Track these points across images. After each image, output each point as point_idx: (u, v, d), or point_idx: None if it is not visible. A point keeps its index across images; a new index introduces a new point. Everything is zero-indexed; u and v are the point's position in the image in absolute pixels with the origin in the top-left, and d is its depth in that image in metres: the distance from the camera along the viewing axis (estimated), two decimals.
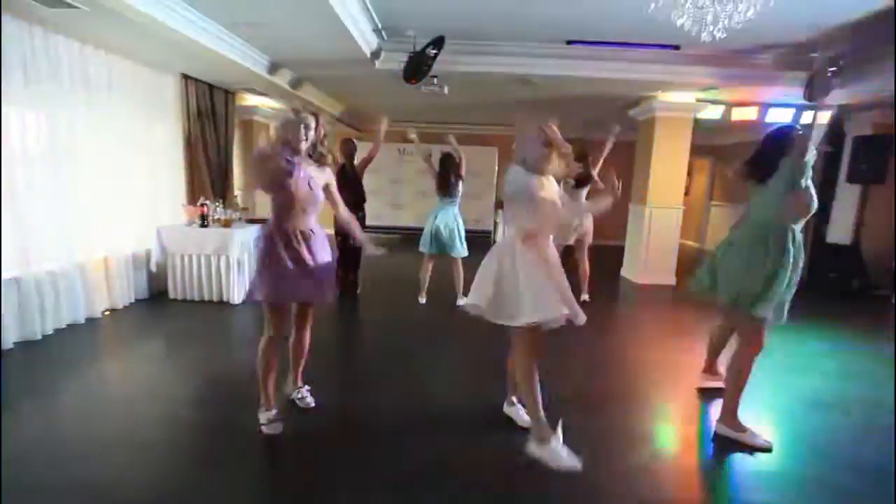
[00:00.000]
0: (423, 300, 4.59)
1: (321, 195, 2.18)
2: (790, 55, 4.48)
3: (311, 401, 2.45)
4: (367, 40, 4.17)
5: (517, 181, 1.99)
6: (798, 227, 2.24)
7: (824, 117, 5.05)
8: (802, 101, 4.91)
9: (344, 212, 2.35)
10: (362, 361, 3.32)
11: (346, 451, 2.10)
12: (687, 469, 2.17)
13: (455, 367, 3.21)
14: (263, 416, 2.20)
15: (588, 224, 4.69)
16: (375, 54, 4.50)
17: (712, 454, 2.27)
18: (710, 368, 2.91)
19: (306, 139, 2.06)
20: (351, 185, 4.41)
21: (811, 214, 2.23)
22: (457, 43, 4.34)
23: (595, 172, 4.47)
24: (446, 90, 5.01)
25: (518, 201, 2.00)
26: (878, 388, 3.02)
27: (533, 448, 2.00)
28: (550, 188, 2.01)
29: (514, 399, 2.40)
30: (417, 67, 4.36)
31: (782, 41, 4.22)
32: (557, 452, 1.96)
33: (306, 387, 2.51)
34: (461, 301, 4.31)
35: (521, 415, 2.33)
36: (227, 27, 3.79)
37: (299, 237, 2.11)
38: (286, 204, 2.07)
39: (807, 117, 5.28)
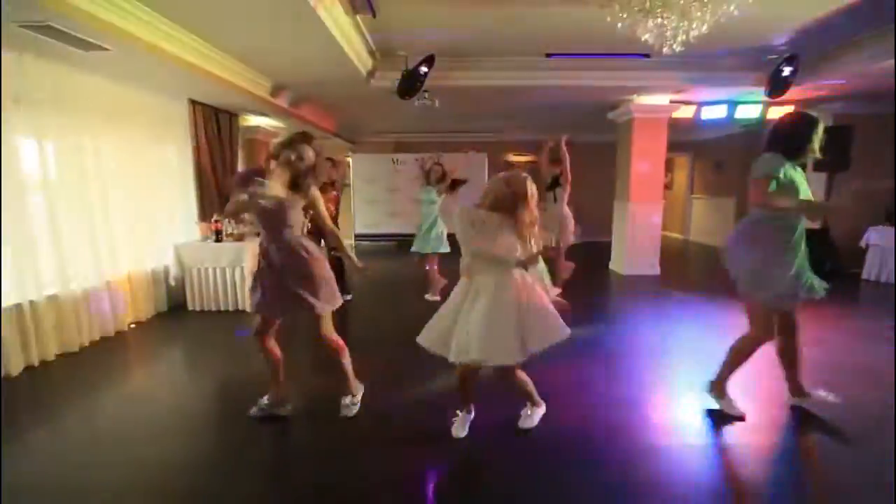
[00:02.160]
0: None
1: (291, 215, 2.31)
2: (752, 56, 4.90)
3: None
4: (362, 61, 4.52)
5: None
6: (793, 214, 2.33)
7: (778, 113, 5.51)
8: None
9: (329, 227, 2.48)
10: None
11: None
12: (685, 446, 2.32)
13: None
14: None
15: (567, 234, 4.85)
16: (371, 74, 4.85)
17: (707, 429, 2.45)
18: (794, 388, 2.60)
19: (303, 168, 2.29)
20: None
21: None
22: (446, 60, 4.71)
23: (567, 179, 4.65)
24: (437, 103, 5.37)
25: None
26: (854, 356, 3.40)
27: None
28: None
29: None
30: (410, 84, 4.72)
31: (744, 44, 4.62)
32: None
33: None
34: None
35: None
36: (233, 55, 4.11)
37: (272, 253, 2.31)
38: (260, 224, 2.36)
39: (708, 112, 6.03)
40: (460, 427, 2.34)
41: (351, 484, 2.01)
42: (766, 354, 2.53)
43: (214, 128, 5.39)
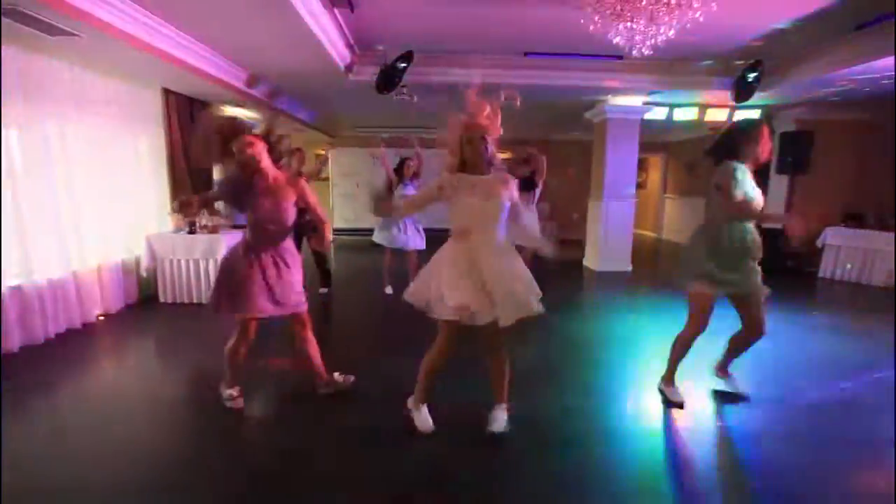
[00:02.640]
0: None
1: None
2: (720, 62, 5.09)
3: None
4: (341, 55, 4.52)
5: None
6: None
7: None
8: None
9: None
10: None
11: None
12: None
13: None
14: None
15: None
16: (349, 68, 4.84)
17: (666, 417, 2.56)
18: (721, 368, 2.84)
19: (257, 155, 2.23)
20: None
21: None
22: (425, 56, 4.74)
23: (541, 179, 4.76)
24: (416, 99, 5.40)
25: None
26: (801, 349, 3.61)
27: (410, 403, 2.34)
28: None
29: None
30: (389, 79, 4.74)
31: (712, 50, 4.80)
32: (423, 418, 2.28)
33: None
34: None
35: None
36: (209, 45, 4.06)
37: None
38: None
39: (680, 114, 6.34)
40: (425, 420, 2.29)
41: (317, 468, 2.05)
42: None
43: (188, 118, 5.30)
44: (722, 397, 2.75)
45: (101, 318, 4.12)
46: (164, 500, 1.87)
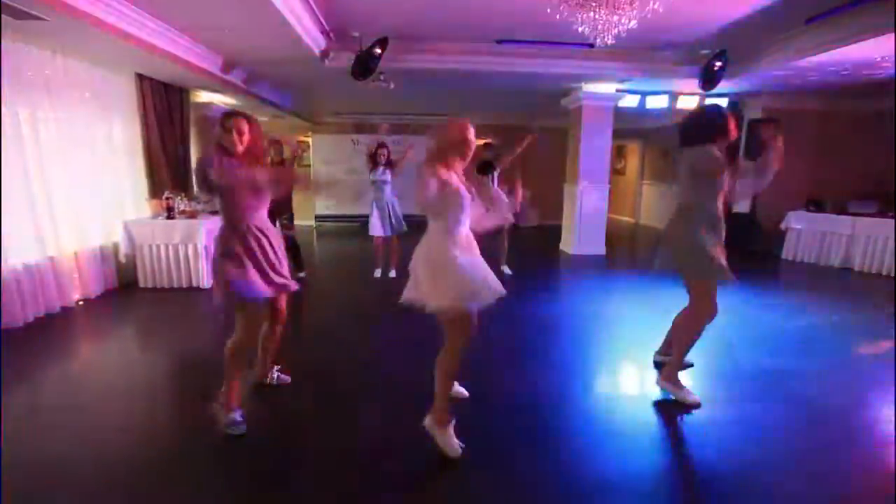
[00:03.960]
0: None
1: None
2: (687, 51, 5.24)
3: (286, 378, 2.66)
4: (315, 41, 4.55)
5: None
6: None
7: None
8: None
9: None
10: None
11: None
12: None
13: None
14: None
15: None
16: (324, 54, 4.88)
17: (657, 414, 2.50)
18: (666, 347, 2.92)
19: (241, 143, 2.16)
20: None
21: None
22: (400, 42, 4.80)
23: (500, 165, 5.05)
24: (392, 85, 5.46)
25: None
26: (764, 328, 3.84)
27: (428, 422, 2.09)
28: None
29: None
30: (365, 66, 4.79)
31: (680, 39, 4.95)
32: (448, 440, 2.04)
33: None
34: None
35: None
36: (180, 30, 4.07)
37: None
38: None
39: (652, 102, 6.41)
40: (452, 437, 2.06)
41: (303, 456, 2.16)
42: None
43: (164, 103, 5.29)
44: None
45: (81, 302, 4.18)
46: (143, 479, 1.90)
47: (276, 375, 2.66)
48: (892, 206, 5.68)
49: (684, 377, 2.63)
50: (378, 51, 4.68)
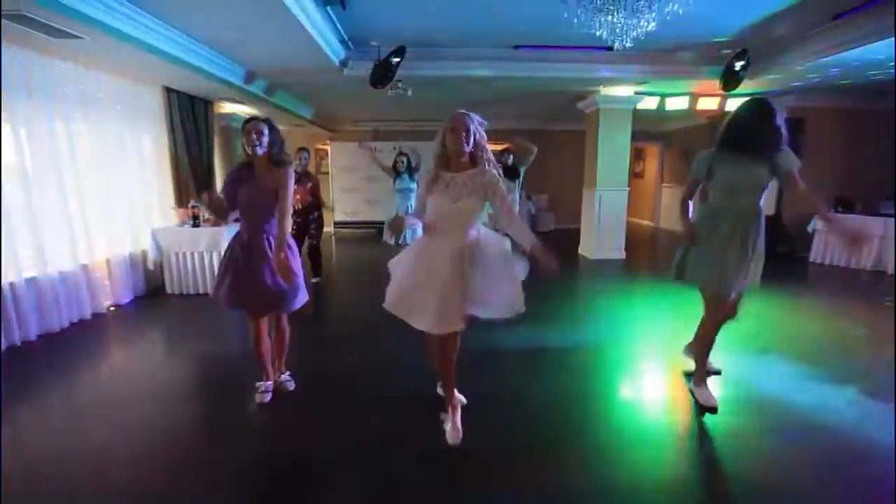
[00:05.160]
0: None
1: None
2: (707, 52, 5.18)
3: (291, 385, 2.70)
4: (335, 51, 4.64)
5: None
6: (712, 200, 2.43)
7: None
8: None
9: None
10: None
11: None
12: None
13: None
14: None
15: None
16: (344, 63, 4.97)
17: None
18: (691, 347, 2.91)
19: (260, 144, 2.21)
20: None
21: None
22: (417, 50, 4.86)
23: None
24: (410, 92, 5.52)
25: None
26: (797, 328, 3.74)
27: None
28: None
29: None
30: (383, 74, 4.86)
31: (699, 40, 4.89)
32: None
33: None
34: None
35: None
36: (207, 44, 4.20)
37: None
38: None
39: (672, 103, 6.42)
40: (454, 429, 2.17)
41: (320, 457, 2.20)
42: None
43: (189, 115, 5.46)
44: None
45: (112, 308, 4.32)
46: (171, 478, 1.97)
47: (281, 381, 2.66)
48: None
49: (712, 384, 2.59)
50: (396, 59, 4.74)
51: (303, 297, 2.44)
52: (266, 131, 2.24)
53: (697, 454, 2.18)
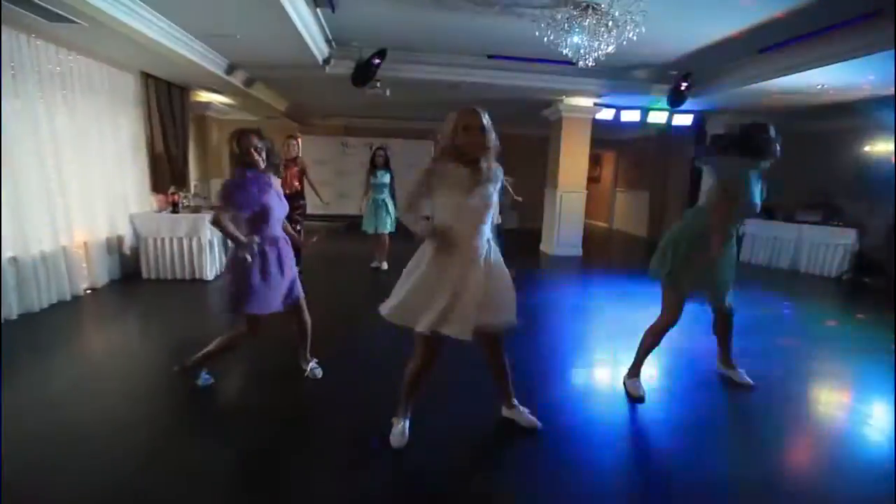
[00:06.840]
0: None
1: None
2: (657, 72, 5.79)
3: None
4: (320, 49, 4.86)
5: None
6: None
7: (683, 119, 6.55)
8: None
9: None
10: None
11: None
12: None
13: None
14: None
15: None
16: (326, 61, 5.19)
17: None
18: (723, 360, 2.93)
19: (262, 158, 2.34)
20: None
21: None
22: (398, 53, 5.15)
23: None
24: (388, 92, 5.80)
25: None
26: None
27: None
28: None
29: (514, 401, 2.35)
30: (363, 73, 5.12)
31: (651, 61, 5.48)
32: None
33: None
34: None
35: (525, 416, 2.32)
36: (196, 36, 4.31)
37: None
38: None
39: (626, 116, 6.96)
40: (400, 434, 2.10)
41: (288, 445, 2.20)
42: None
43: (166, 101, 5.48)
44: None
45: (89, 291, 4.34)
46: (147, 451, 2.02)
47: (308, 368, 2.76)
48: (835, 216, 6.38)
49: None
50: (377, 61, 5.01)
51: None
52: (263, 146, 2.36)
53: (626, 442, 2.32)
